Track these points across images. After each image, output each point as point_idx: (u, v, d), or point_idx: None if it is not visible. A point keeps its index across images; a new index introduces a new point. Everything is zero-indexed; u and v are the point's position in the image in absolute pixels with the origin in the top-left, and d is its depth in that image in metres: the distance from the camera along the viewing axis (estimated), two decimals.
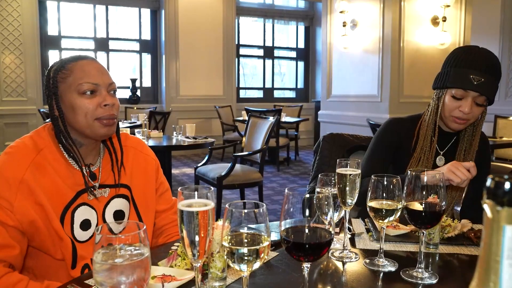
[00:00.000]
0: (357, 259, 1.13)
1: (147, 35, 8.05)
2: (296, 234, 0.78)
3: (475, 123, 1.55)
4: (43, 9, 7.14)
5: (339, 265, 1.11)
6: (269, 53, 9.58)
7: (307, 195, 0.78)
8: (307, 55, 9.93)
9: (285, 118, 7.17)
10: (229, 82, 8.36)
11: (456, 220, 1.31)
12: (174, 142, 4.28)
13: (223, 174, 3.69)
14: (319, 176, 1.13)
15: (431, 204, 1.00)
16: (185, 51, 7.85)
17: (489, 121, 5.15)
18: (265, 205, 0.73)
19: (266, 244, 0.72)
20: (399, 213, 1.03)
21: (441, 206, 1.00)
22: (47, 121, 1.28)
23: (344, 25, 5.49)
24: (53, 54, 7.33)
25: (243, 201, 1.50)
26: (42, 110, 5.51)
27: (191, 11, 7.83)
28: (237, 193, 4.59)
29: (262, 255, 0.72)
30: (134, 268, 0.65)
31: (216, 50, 8.14)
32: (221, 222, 0.85)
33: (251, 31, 9.41)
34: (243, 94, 9.45)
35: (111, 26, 7.76)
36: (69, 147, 1.17)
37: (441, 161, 1.59)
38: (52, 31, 7.29)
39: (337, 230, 1.30)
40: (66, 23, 7.41)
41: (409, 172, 1.03)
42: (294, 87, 10.01)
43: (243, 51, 9.29)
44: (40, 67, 6.87)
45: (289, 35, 9.92)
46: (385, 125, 1.69)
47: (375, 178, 1.05)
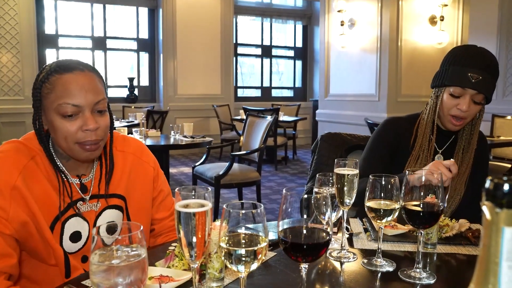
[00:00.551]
0: (355, 259, 1.13)
1: (144, 34, 8.03)
2: (294, 234, 0.78)
3: (473, 121, 1.55)
4: (40, 8, 7.11)
5: (337, 265, 1.11)
6: (267, 52, 9.57)
7: (305, 196, 0.78)
8: (305, 54, 9.93)
9: (283, 117, 7.18)
10: (227, 81, 8.35)
11: (454, 220, 1.31)
12: (171, 141, 4.27)
13: (221, 173, 3.69)
14: (317, 176, 1.12)
15: (429, 204, 1.00)
16: (183, 50, 7.84)
17: (487, 120, 5.16)
18: (263, 205, 0.73)
19: (264, 245, 0.72)
20: (397, 213, 1.03)
21: (439, 206, 0.99)
22: None
23: (342, 24, 5.48)
24: (50, 53, 7.31)
25: (241, 202, 1.49)
26: None
27: (189, 10, 7.81)
28: (235, 192, 4.59)
29: (260, 256, 0.71)
30: (131, 269, 0.64)
31: (214, 49, 8.13)
32: (218, 222, 0.85)
33: (249, 30, 9.41)
34: (241, 93, 9.45)
35: (109, 24, 7.73)
36: (53, 162, 1.11)
37: (439, 160, 1.59)
38: (49, 29, 7.26)
39: (335, 230, 1.29)
40: (63, 21, 7.39)
41: (407, 172, 1.03)
42: (292, 86, 10.01)
43: (241, 50, 9.29)
44: (37, 66, 6.85)
45: (287, 34, 9.91)
46: (383, 124, 1.70)
47: (373, 177, 1.05)
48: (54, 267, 1.12)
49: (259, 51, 9.53)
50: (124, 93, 7.86)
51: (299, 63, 9.96)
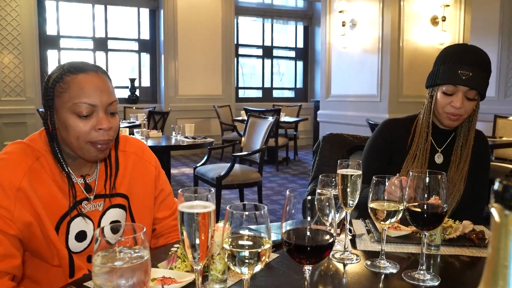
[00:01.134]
0: (358, 261, 1.12)
1: (146, 35, 8.04)
2: (297, 236, 0.77)
3: (470, 118, 1.57)
4: (42, 9, 7.12)
5: (340, 266, 1.10)
6: (268, 52, 9.57)
7: (309, 197, 0.77)
8: (306, 54, 9.93)
9: (284, 118, 7.17)
10: (228, 81, 8.35)
11: (457, 221, 1.30)
12: (173, 142, 4.27)
13: (222, 174, 3.68)
14: (320, 177, 1.12)
15: (433, 205, 1.00)
16: (184, 50, 7.84)
17: (489, 120, 5.15)
18: (266, 207, 0.73)
19: (267, 246, 0.71)
20: (400, 215, 1.03)
21: (443, 207, 0.99)
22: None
23: (343, 25, 5.48)
24: (51, 53, 7.32)
25: (243, 203, 1.49)
26: (41, 110, 5.49)
27: (190, 11, 7.82)
28: (236, 193, 4.59)
29: (263, 258, 0.71)
30: (134, 271, 0.64)
31: (215, 49, 8.13)
32: (221, 224, 0.84)
33: (250, 30, 9.41)
34: (242, 94, 9.45)
35: (110, 25, 7.74)
36: (60, 162, 1.12)
37: (439, 158, 1.61)
38: (51, 30, 7.27)
39: (338, 231, 1.29)
40: (65, 22, 7.39)
41: (411, 173, 1.03)
42: (293, 87, 10.01)
43: (242, 51, 9.28)
44: (38, 67, 6.86)
45: (288, 34, 9.91)
46: (381, 126, 1.73)
47: (376, 179, 1.04)
48: (57, 267, 1.12)
49: (260, 52, 9.53)
50: (125, 94, 7.86)
51: (300, 64, 9.96)
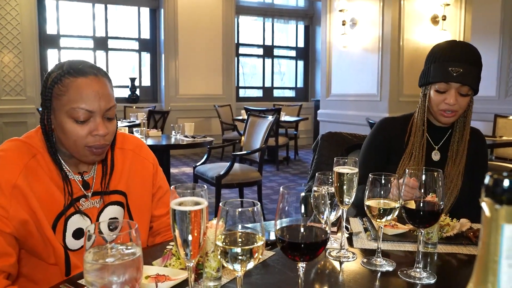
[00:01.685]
0: (355, 259, 1.11)
1: (146, 34, 8.03)
2: (291, 233, 0.76)
3: (464, 113, 1.58)
4: (42, 8, 7.12)
5: (336, 264, 1.09)
6: (268, 52, 9.56)
7: (303, 194, 0.77)
8: (306, 54, 9.92)
9: (284, 117, 7.16)
10: (229, 81, 8.35)
11: (455, 219, 1.29)
12: (173, 141, 4.26)
13: (222, 173, 3.68)
14: (316, 174, 1.11)
15: (429, 203, 0.99)
16: (185, 50, 7.84)
17: (489, 120, 5.15)
18: (259, 204, 0.72)
19: (260, 243, 0.71)
20: (397, 212, 1.02)
21: (439, 205, 0.98)
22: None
23: (343, 24, 5.47)
24: (52, 53, 7.32)
25: (240, 200, 1.48)
26: (40, 109, 5.49)
27: (191, 10, 7.81)
28: (236, 192, 4.59)
29: (256, 254, 0.70)
30: (125, 267, 0.63)
31: (215, 49, 8.13)
32: (215, 221, 0.84)
33: (251, 30, 9.39)
34: (242, 93, 9.44)
35: (110, 25, 7.74)
36: (56, 160, 1.11)
37: (436, 156, 1.61)
38: (51, 30, 7.27)
39: (335, 229, 1.28)
40: (65, 22, 7.39)
41: (407, 170, 1.02)
42: (293, 86, 10.00)
43: (242, 50, 9.28)
44: (39, 66, 6.86)
45: (288, 34, 9.90)
46: (378, 124, 1.74)
47: (373, 176, 1.04)
48: (53, 266, 1.11)
49: (260, 51, 9.52)
50: (125, 93, 7.86)
51: (300, 63, 9.95)
